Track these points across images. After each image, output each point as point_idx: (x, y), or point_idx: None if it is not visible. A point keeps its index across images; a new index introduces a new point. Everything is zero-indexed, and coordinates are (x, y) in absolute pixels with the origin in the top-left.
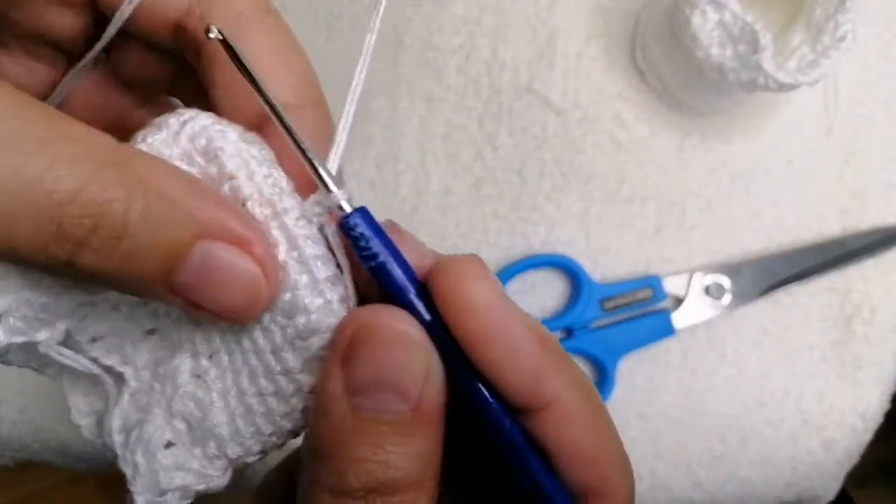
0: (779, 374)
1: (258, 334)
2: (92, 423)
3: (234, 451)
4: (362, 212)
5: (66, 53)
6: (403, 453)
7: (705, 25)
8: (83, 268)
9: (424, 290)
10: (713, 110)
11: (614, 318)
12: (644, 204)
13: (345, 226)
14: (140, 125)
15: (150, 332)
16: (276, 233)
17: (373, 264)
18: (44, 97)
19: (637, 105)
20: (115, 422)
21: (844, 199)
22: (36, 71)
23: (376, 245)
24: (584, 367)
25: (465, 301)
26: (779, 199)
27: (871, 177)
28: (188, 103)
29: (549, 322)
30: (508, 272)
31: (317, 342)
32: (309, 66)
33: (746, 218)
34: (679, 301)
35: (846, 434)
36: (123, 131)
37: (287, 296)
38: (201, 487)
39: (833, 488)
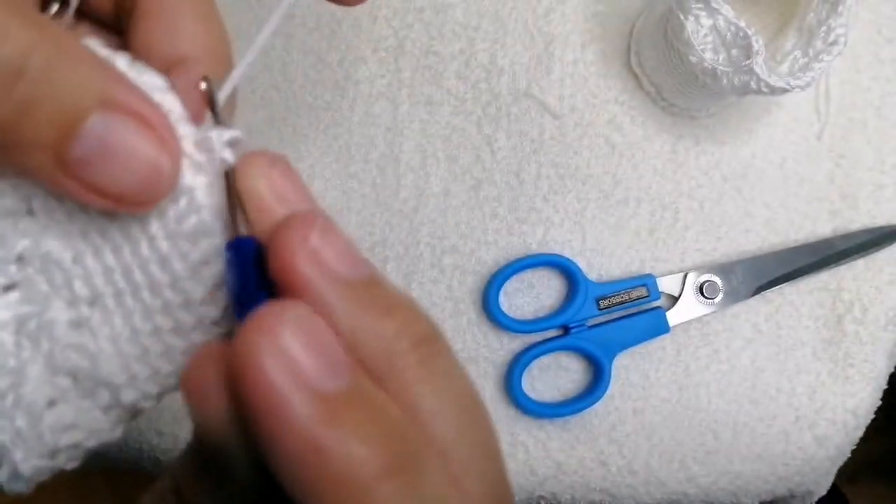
0: (771, 371)
1: (154, 268)
2: None
3: (129, 396)
4: (245, 245)
5: None
6: None
7: (699, 31)
8: None
9: None
10: (706, 113)
11: (610, 316)
12: (638, 205)
13: (226, 247)
14: None
15: (10, 289)
16: None
17: (232, 296)
18: None
19: (632, 109)
20: None
21: (835, 200)
22: None
23: (235, 282)
24: (580, 364)
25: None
26: (771, 200)
27: (862, 179)
28: None
29: (546, 320)
30: (506, 271)
31: (212, 252)
32: (225, 32)
33: (739, 219)
34: (673, 299)
35: (838, 430)
36: None
37: (183, 201)
38: (92, 444)
39: (825, 483)
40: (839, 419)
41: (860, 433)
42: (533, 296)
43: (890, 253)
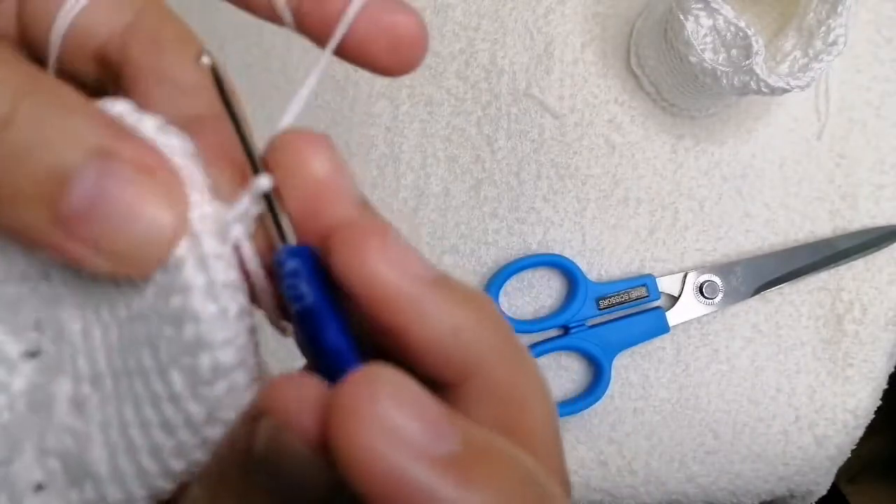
0: (771, 372)
1: (145, 352)
2: None
3: (114, 495)
4: (303, 253)
5: None
6: None
7: (699, 31)
8: None
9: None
10: (706, 113)
11: (610, 316)
12: (638, 205)
13: (277, 258)
14: None
15: (32, 355)
16: None
17: (299, 307)
18: None
19: (632, 109)
20: None
21: (835, 200)
22: None
23: (307, 289)
24: (579, 364)
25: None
26: (770, 200)
27: (862, 179)
28: None
29: (546, 320)
30: (506, 272)
31: (206, 360)
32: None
33: (739, 219)
34: (673, 299)
35: (838, 430)
36: None
37: (177, 299)
38: None
39: (825, 483)
40: (839, 419)
41: (860, 433)
42: (533, 296)
43: (890, 253)
